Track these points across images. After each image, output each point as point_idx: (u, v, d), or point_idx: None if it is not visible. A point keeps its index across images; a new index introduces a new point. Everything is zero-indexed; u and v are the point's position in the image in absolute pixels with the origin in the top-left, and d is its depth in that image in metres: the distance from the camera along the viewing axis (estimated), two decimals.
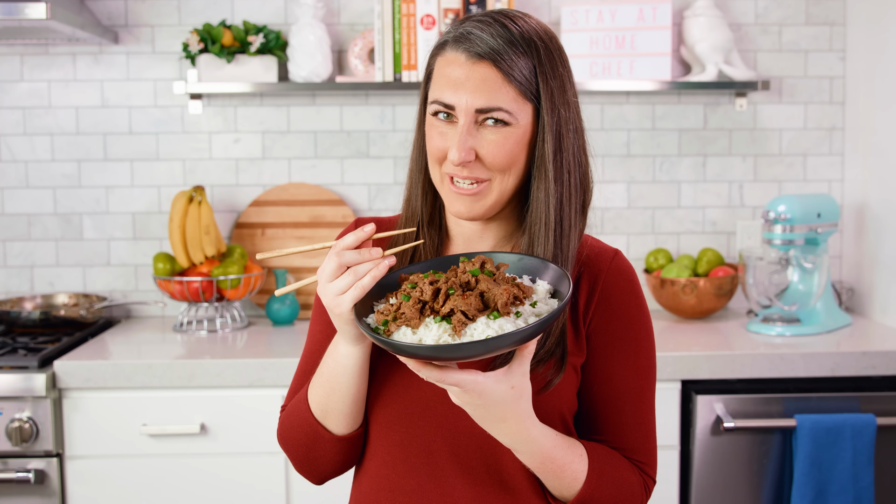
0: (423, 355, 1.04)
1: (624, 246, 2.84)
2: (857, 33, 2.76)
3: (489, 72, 1.17)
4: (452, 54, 1.20)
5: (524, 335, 1.03)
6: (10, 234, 2.78)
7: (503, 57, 1.17)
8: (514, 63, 1.18)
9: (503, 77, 1.17)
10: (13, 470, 2.16)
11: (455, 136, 1.19)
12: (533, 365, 1.18)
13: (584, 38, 2.66)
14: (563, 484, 1.19)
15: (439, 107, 1.20)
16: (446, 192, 1.23)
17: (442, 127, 1.21)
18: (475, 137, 1.19)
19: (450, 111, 1.19)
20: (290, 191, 2.78)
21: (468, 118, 1.18)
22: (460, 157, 1.17)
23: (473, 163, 1.19)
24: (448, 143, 1.20)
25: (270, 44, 2.63)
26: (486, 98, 1.17)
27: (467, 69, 1.18)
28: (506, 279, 1.11)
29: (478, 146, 1.19)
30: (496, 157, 1.19)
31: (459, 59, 1.19)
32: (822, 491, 2.17)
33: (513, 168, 1.21)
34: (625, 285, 1.26)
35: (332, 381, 1.22)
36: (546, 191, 1.20)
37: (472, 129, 1.18)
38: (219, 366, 2.21)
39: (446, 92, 1.19)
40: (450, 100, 1.19)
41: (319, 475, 1.32)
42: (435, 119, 1.22)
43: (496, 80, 1.17)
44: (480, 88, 1.17)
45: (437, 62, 1.23)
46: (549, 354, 1.20)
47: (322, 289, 1.13)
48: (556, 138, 1.20)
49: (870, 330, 2.55)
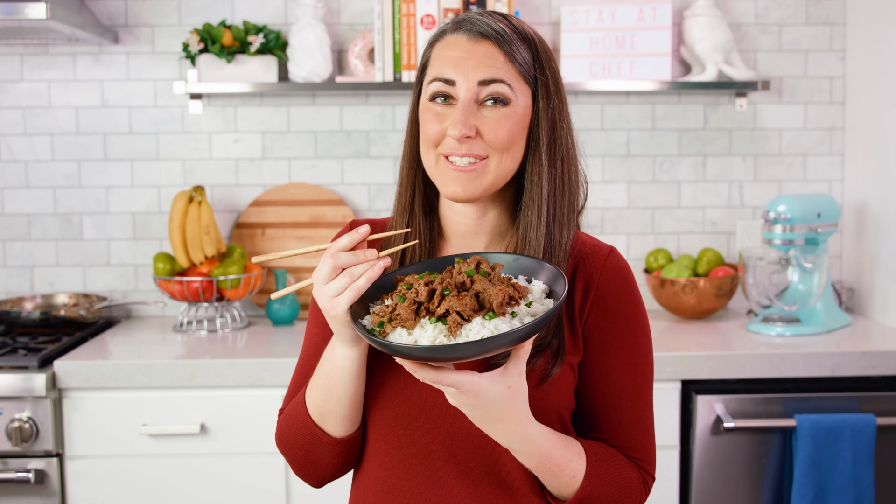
0: (418, 356, 1.04)
1: (624, 246, 2.84)
2: (857, 33, 2.76)
3: (491, 49, 1.20)
4: (453, 37, 1.22)
5: (519, 335, 1.03)
6: (10, 234, 2.78)
7: (505, 37, 1.20)
8: (515, 45, 1.20)
9: (505, 56, 1.20)
10: (13, 470, 2.16)
11: (455, 113, 1.19)
12: (528, 362, 1.18)
13: (584, 38, 2.66)
14: (561, 483, 1.19)
15: (439, 85, 1.21)
16: (441, 173, 1.23)
17: (439, 109, 1.22)
18: (475, 115, 1.20)
19: (449, 90, 1.20)
20: (290, 191, 2.78)
21: (469, 94, 1.19)
22: (462, 131, 1.18)
23: (473, 139, 1.20)
24: (445, 124, 1.20)
25: (270, 44, 2.63)
26: (488, 70, 1.19)
27: (469, 47, 1.20)
28: (501, 279, 1.11)
29: (478, 123, 1.20)
30: (497, 134, 1.19)
31: (461, 40, 1.21)
32: (822, 491, 2.17)
33: (511, 149, 1.21)
34: (620, 283, 1.26)
35: (330, 384, 1.22)
36: (540, 174, 1.22)
37: (473, 107, 1.20)
38: (219, 366, 2.21)
39: (447, 68, 1.20)
40: (451, 75, 1.20)
41: (318, 478, 1.32)
42: (432, 104, 1.22)
43: (498, 56, 1.20)
44: (483, 62, 1.19)
45: (436, 48, 1.24)
46: (546, 345, 1.20)
47: (318, 291, 1.13)
48: (550, 126, 1.23)
49: (870, 330, 2.55)
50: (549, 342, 1.20)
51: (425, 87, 1.24)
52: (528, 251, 1.22)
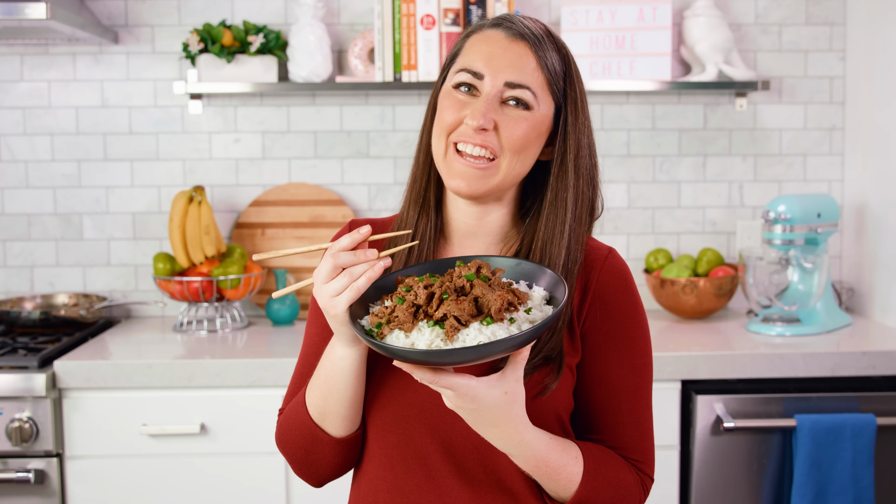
0: (413, 359, 1.04)
1: (624, 246, 2.84)
2: (857, 33, 2.76)
3: (526, 51, 1.21)
4: (491, 32, 1.24)
5: (516, 342, 1.02)
6: (10, 234, 2.78)
7: (541, 43, 1.21)
8: (549, 54, 1.22)
9: (537, 61, 1.21)
10: (13, 470, 2.16)
11: (478, 104, 1.20)
12: (528, 371, 1.18)
13: (584, 38, 2.66)
14: (559, 486, 1.19)
15: (466, 75, 1.21)
16: (449, 165, 1.23)
17: (461, 97, 1.22)
18: (496, 111, 1.20)
19: (476, 82, 1.21)
20: (290, 191, 2.78)
21: (495, 90, 1.20)
22: (481, 122, 1.19)
23: (489, 133, 1.20)
24: (464, 113, 1.21)
25: (270, 44, 2.63)
26: (518, 73, 1.20)
27: (505, 44, 1.21)
28: (501, 284, 1.10)
29: (497, 119, 1.20)
30: (514, 133, 1.20)
31: (498, 37, 1.22)
32: (822, 491, 2.17)
33: (524, 153, 1.22)
34: (619, 284, 1.26)
35: (330, 384, 1.22)
36: (566, 188, 1.23)
37: (496, 103, 1.20)
38: (219, 366, 2.21)
39: (478, 62, 1.21)
40: (480, 68, 1.21)
41: (318, 478, 1.32)
42: (454, 91, 1.23)
43: (531, 61, 1.21)
44: (515, 64, 1.20)
45: (471, 39, 1.25)
46: (548, 361, 1.20)
47: (318, 290, 1.14)
48: (577, 141, 1.24)
49: (870, 330, 2.55)
50: (553, 358, 1.20)
51: (451, 75, 1.25)
52: (549, 264, 1.22)
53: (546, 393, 1.20)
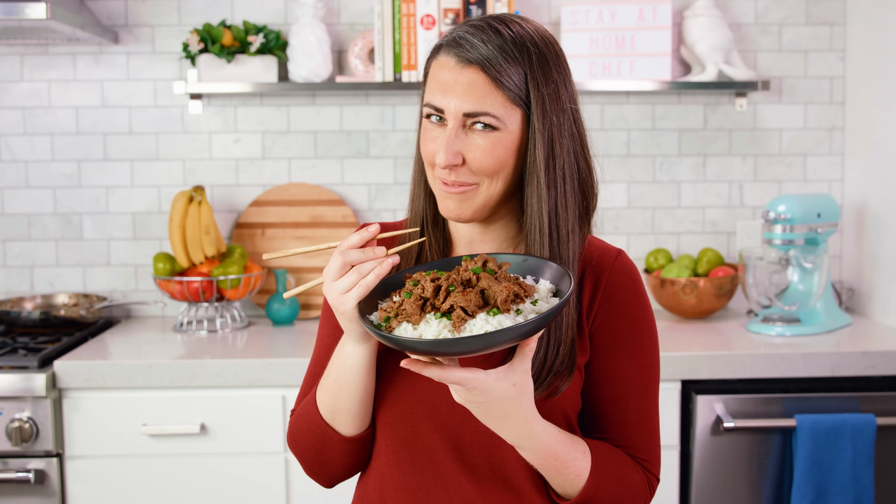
0: (421, 350, 1.05)
1: (624, 246, 2.84)
2: (857, 33, 2.76)
3: (477, 77, 1.18)
4: (444, 58, 1.21)
5: (523, 331, 1.03)
6: (10, 234, 2.78)
7: (492, 63, 1.17)
8: (504, 69, 1.17)
9: (491, 82, 1.17)
10: (13, 470, 2.16)
11: (442, 139, 1.19)
12: (547, 377, 1.19)
13: (584, 38, 2.66)
14: (566, 481, 1.19)
15: (431, 110, 1.21)
16: (438, 191, 1.24)
17: (434, 130, 1.22)
18: (463, 141, 1.19)
19: (440, 113, 1.20)
20: (290, 191, 2.78)
21: (456, 122, 1.19)
22: (446, 160, 1.18)
23: (460, 167, 1.20)
24: (437, 145, 1.20)
25: (270, 44, 2.63)
26: (473, 102, 1.17)
27: (456, 73, 1.19)
28: (507, 277, 1.12)
29: (465, 150, 1.19)
30: (483, 163, 1.19)
31: (450, 64, 1.20)
32: (822, 491, 2.17)
33: (500, 173, 1.21)
34: (628, 284, 1.27)
35: (340, 382, 1.23)
36: (538, 197, 1.20)
37: (461, 133, 1.19)
38: (219, 366, 2.21)
39: (436, 95, 1.20)
40: (439, 103, 1.19)
41: (329, 478, 1.32)
42: (428, 122, 1.23)
43: (484, 85, 1.17)
44: (468, 93, 1.17)
45: (432, 66, 1.24)
46: (563, 366, 1.20)
47: (327, 287, 1.15)
48: (547, 145, 1.20)
49: (870, 330, 2.55)
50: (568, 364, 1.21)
51: (422, 105, 1.24)
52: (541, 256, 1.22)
53: (557, 394, 1.21)
